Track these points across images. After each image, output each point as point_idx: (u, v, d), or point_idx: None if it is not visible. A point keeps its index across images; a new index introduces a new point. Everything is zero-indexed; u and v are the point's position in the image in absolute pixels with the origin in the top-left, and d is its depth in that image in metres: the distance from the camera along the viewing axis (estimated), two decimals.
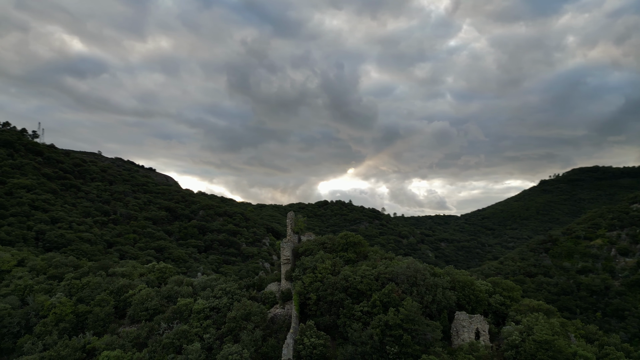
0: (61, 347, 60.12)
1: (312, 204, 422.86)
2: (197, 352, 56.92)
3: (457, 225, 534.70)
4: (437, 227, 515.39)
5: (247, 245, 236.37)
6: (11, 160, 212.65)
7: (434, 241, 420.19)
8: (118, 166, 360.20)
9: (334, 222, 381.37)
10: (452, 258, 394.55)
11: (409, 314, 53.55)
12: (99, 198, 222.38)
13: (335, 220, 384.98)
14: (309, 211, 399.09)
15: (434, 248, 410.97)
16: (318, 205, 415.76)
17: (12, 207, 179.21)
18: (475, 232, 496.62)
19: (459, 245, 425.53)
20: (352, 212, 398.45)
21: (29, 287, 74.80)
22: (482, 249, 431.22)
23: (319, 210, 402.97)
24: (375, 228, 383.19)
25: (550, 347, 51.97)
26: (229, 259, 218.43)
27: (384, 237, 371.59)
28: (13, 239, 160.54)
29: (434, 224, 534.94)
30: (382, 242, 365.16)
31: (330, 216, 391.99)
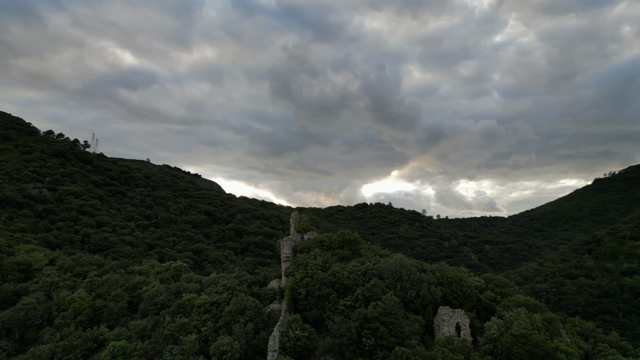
0: (74, 337, 66.30)
1: (351, 207, 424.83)
2: (192, 342, 61.35)
3: (504, 226, 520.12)
4: (483, 229, 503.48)
5: None
6: (62, 169, 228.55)
7: (478, 243, 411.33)
8: (165, 173, 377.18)
9: (373, 225, 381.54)
10: (496, 260, 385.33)
11: (386, 308, 55.59)
12: (142, 203, 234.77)
13: (374, 222, 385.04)
14: (348, 214, 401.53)
15: (477, 250, 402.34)
16: (357, 208, 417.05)
17: (62, 212, 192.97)
18: (523, 234, 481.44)
19: (504, 247, 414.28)
20: (391, 215, 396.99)
21: (55, 284, 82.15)
22: (529, 251, 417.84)
23: (358, 213, 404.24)
24: (415, 230, 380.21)
25: (527, 341, 52.52)
26: (265, 261, 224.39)
27: (424, 240, 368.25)
28: (61, 242, 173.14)
29: (480, 226, 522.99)
30: (422, 245, 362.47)
31: (369, 219, 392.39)
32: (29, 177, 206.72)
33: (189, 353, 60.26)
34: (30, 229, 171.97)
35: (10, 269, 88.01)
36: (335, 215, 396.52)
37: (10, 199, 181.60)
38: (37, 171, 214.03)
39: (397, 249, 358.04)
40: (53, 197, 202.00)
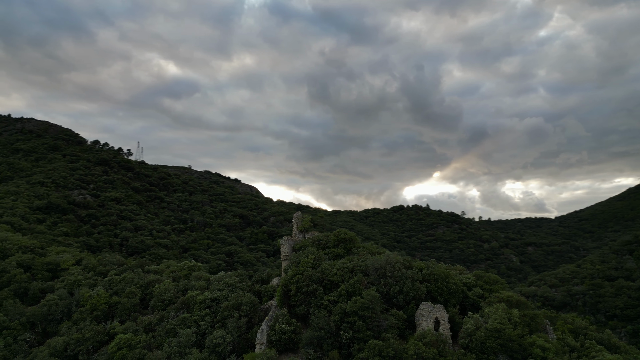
0: (87, 330, 72.10)
1: (387, 209, 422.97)
2: (188, 335, 65.57)
3: (550, 228, 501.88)
4: (527, 230, 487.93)
5: None
6: (105, 176, 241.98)
7: (520, 245, 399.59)
8: (205, 178, 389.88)
9: (410, 227, 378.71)
10: (539, 263, 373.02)
11: (364, 303, 57.62)
12: (179, 208, 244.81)
13: (410, 225, 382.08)
14: (384, 216, 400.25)
15: (519, 252, 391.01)
16: (393, 210, 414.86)
17: (103, 217, 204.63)
18: (571, 236, 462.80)
19: (549, 249, 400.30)
20: (428, 217, 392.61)
21: (78, 282, 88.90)
22: (576, 253, 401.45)
23: (394, 216, 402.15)
24: (453, 232, 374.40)
25: (500, 335, 53.25)
26: None
27: (462, 242, 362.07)
28: (101, 245, 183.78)
29: (524, 227, 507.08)
30: (460, 247, 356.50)
31: (405, 221, 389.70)
32: (74, 185, 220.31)
33: (185, 345, 64.49)
34: (73, 233, 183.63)
35: (40, 268, 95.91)
36: (371, 218, 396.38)
37: (55, 205, 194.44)
38: (81, 179, 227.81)
39: (434, 251, 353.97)
40: (96, 203, 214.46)
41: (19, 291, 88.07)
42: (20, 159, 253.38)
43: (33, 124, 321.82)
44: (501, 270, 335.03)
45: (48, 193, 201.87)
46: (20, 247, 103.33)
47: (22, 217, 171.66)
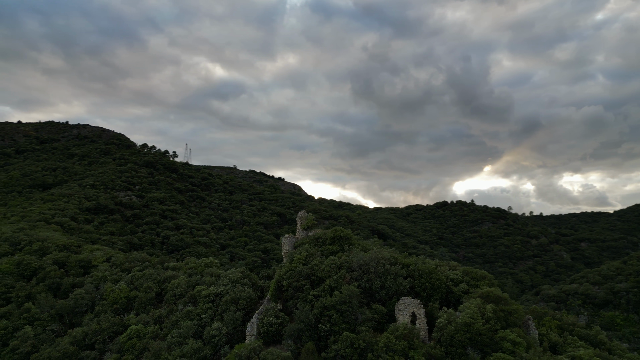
0: (104, 322, 79.00)
1: (430, 206, 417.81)
2: (188, 327, 70.67)
3: (608, 222, 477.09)
4: (582, 225, 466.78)
5: None
6: (151, 178, 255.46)
7: (572, 241, 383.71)
8: (249, 178, 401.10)
9: (453, 224, 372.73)
10: (593, 259, 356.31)
11: (342, 297, 60.29)
12: (219, 207, 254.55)
13: (454, 221, 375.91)
14: (427, 213, 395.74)
15: (571, 249, 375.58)
16: (437, 207, 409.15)
17: (147, 216, 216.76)
18: (630, 230, 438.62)
19: (604, 245, 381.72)
20: (473, 213, 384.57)
21: (104, 278, 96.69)
22: (634, 248, 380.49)
23: (438, 212, 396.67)
24: (499, 229, 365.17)
25: (469, 329, 54.45)
26: None
27: (508, 238, 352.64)
28: (143, 243, 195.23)
29: (579, 222, 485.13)
30: (506, 244, 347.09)
31: (449, 217, 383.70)
32: (121, 186, 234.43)
33: (185, 335, 69.63)
34: (118, 232, 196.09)
35: (73, 265, 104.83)
36: (413, 215, 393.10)
37: (103, 206, 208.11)
38: (128, 181, 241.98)
39: (478, 248, 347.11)
40: (140, 204, 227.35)
41: (52, 286, 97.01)
42: (74, 163, 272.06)
43: (88, 129, 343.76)
44: (550, 268, 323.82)
45: (97, 195, 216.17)
46: (57, 246, 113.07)
47: (72, 217, 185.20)
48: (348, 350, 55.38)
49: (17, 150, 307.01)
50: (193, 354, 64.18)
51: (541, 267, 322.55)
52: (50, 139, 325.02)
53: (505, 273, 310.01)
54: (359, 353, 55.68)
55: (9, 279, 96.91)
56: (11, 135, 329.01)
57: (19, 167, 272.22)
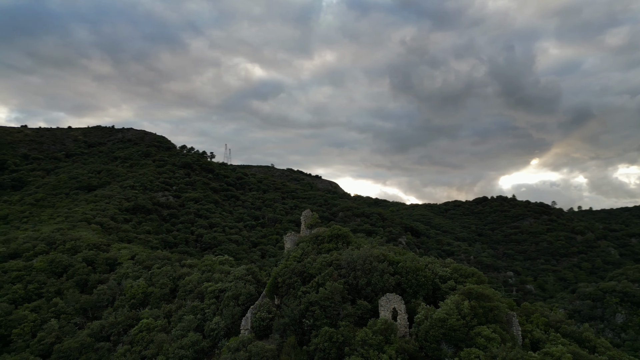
0: (119, 315, 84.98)
1: (469, 201, 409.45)
2: (190, 321, 75.11)
3: None
4: (635, 220, 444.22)
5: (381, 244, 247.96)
6: (187, 179, 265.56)
7: (622, 237, 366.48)
8: (286, 176, 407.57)
9: (493, 220, 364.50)
10: None
11: (325, 293, 62.71)
12: (252, 205, 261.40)
13: (494, 217, 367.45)
14: (465, 209, 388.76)
15: (621, 245, 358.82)
16: (476, 202, 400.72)
17: (182, 215, 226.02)
18: None
19: None
20: (514, 208, 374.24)
21: (126, 274, 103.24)
22: None
23: (476, 208, 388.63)
24: (541, 224, 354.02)
25: (444, 325, 55.67)
26: None
27: (552, 234, 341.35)
28: (178, 241, 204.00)
29: (632, 217, 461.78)
30: (549, 240, 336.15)
31: (488, 213, 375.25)
32: (159, 187, 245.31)
33: (187, 329, 74.14)
34: (154, 230, 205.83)
35: (100, 262, 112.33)
36: (451, 211, 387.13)
37: (141, 206, 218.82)
38: (166, 181, 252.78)
39: (519, 244, 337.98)
40: (177, 203, 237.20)
41: (80, 282, 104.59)
42: (117, 165, 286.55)
43: (132, 133, 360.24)
44: (596, 264, 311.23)
45: (136, 195, 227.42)
46: (88, 245, 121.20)
47: (111, 217, 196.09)
48: (326, 344, 57.82)
49: (66, 154, 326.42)
50: (191, 345, 68.48)
51: (586, 264, 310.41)
52: (97, 143, 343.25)
53: (547, 270, 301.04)
54: (338, 347, 57.98)
55: (41, 275, 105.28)
56: (62, 140, 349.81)
57: (68, 170, 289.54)
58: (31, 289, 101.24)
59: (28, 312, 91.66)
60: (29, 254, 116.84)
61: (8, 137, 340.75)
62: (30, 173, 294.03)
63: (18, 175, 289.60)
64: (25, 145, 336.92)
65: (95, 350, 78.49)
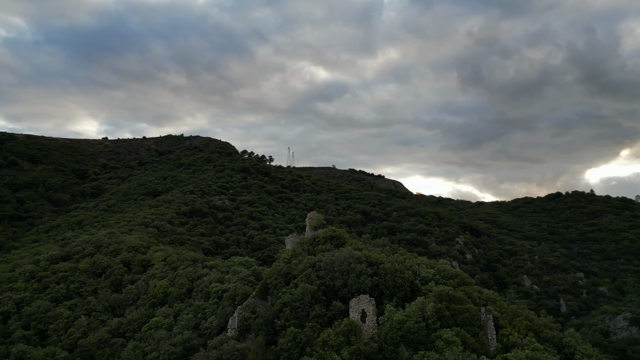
0: (136, 314, 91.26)
1: (540, 198, 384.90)
2: (189, 320, 79.13)
3: None
4: None
5: (436, 244, 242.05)
6: (244, 182, 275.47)
7: None
8: (347, 177, 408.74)
9: (567, 217, 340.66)
10: None
11: (296, 295, 63.50)
12: (305, 206, 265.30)
13: (568, 214, 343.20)
14: (536, 206, 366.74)
15: None
16: (548, 199, 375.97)
17: (236, 218, 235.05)
18: None
19: None
20: (592, 204, 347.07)
21: (154, 275, 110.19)
22: None
23: (549, 204, 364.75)
24: (623, 221, 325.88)
25: (402, 327, 54.51)
26: None
27: (634, 232, 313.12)
28: (229, 242, 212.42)
29: None
30: (631, 238, 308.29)
31: (562, 210, 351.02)
32: (216, 191, 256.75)
33: (186, 327, 78.23)
34: (208, 233, 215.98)
35: (136, 264, 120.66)
36: (521, 209, 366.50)
37: (198, 210, 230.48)
38: (223, 185, 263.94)
39: (597, 243, 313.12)
40: (232, 206, 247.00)
41: (115, 282, 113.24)
42: (181, 171, 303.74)
43: (198, 140, 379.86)
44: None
45: (194, 200, 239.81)
46: (128, 247, 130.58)
47: (168, 221, 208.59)
48: (290, 344, 58.84)
49: (140, 162, 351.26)
50: (182, 343, 72.31)
51: None
52: (166, 151, 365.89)
53: (628, 271, 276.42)
54: (301, 347, 58.81)
55: (83, 276, 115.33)
56: (136, 150, 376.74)
57: (139, 177, 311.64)
58: (72, 288, 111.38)
59: (64, 310, 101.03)
60: (78, 256, 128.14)
61: (90, 149, 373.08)
62: (107, 181, 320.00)
63: (97, 183, 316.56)
64: (105, 156, 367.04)
65: (111, 346, 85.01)
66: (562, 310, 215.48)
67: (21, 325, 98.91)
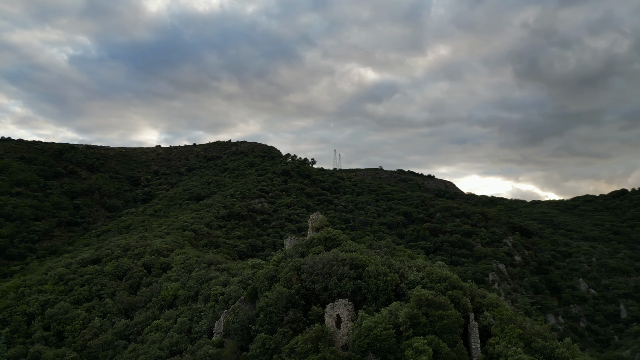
0: (141, 316, 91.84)
1: (603, 195, 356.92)
2: (183, 323, 78.24)
3: None
4: None
5: (482, 245, 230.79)
6: (284, 185, 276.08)
7: None
8: (394, 178, 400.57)
9: (633, 215, 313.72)
10: None
11: (271, 299, 60.59)
12: (344, 208, 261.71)
13: (634, 212, 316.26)
14: (599, 204, 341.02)
15: None
16: (612, 196, 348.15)
17: (274, 220, 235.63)
18: None
19: None
20: None
21: (169, 277, 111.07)
22: None
23: (613, 202, 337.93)
24: None
25: (369, 334, 50.37)
26: (459, 260, 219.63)
27: None
28: (265, 245, 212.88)
29: None
30: None
31: (627, 208, 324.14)
32: (256, 195, 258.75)
33: (179, 331, 77.52)
34: (245, 235, 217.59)
35: (156, 267, 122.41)
36: (581, 207, 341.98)
37: (236, 213, 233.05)
38: (263, 189, 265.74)
39: None
40: (271, 209, 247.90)
41: (134, 284, 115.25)
42: (225, 176, 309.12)
43: (244, 145, 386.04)
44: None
45: (233, 203, 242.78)
46: (151, 250, 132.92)
47: (206, 224, 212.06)
48: (259, 351, 56.13)
49: (188, 168, 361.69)
50: (169, 346, 71.47)
51: None
52: (214, 157, 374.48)
53: None
54: (270, 354, 55.92)
55: (106, 278, 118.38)
56: (186, 156, 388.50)
57: (186, 182, 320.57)
58: (94, 290, 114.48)
59: (82, 311, 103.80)
60: (106, 259, 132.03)
61: (143, 157, 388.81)
62: (158, 187, 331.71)
63: (148, 189, 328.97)
64: (157, 163, 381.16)
65: (114, 348, 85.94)
66: (622, 316, 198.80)
67: (42, 326, 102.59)
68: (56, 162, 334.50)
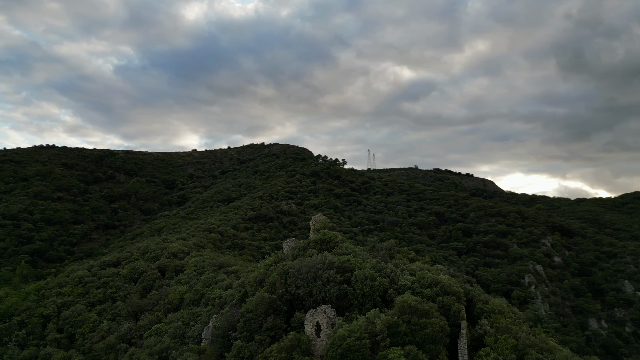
0: (146, 320, 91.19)
1: None
2: (178, 327, 76.57)
3: None
4: None
5: (518, 246, 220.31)
6: (312, 186, 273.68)
7: None
8: (430, 177, 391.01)
9: None
10: None
11: (250, 305, 57.68)
12: (374, 209, 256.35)
13: None
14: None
15: None
16: None
17: (301, 222, 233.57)
18: None
19: None
20: None
21: (179, 280, 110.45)
22: None
23: None
24: None
25: (342, 344, 46.64)
26: (493, 261, 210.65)
27: None
28: None
29: None
30: None
31: None
32: (284, 196, 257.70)
33: (174, 335, 76.01)
34: (271, 237, 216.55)
35: (170, 270, 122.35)
36: (630, 205, 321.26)
37: (264, 215, 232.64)
38: (291, 190, 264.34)
39: None
40: (298, 211, 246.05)
41: (147, 287, 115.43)
42: (256, 178, 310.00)
43: (276, 147, 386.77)
44: None
45: (261, 205, 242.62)
46: (167, 253, 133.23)
47: (233, 226, 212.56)
48: (234, 359, 53.39)
49: (222, 171, 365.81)
50: (159, 352, 69.93)
51: None
52: (247, 160, 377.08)
53: None
54: None
55: (121, 281, 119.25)
56: (220, 159, 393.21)
57: (219, 185, 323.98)
58: (109, 293, 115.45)
59: (94, 314, 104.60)
60: (125, 262, 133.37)
61: (179, 161, 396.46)
62: (192, 190, 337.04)
63: (183, 192, 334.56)
64: (192, 167, 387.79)
65: (115, 351, 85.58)
66: None
67: (56, 328, 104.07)
68: (96, 167, 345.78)
